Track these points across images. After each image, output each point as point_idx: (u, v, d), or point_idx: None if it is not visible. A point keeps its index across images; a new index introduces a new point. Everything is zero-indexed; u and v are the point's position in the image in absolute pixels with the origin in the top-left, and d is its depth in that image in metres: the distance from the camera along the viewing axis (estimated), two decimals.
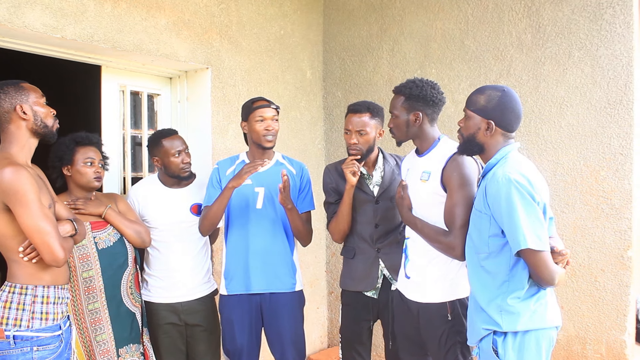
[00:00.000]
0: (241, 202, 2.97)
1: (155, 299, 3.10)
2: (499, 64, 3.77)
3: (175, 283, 3.09)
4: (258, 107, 2.98)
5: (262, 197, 2.98)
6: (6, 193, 2.09)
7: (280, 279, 3.01)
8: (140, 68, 3.70)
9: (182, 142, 3.15)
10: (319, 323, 4.75)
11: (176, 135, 3.17)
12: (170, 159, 3.09)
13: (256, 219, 2.98)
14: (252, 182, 2.97)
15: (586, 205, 3.46)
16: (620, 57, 3.32)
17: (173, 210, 3.11)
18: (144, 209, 3.13)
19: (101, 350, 2.77)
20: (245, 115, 3.02)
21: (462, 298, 2.50)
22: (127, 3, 3.34)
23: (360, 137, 2.85)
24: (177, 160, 3.09)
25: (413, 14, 4.18)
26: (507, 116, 2.23)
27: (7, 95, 2.21)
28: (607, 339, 3.40)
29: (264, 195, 2.98)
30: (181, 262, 3.10)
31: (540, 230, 2.07)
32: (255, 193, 2.97)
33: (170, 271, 3.09)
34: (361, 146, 2.86)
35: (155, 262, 3.12)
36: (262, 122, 2.97)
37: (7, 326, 2.13)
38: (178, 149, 3.10)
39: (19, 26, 2.89)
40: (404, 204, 2.63)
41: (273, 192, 2.97)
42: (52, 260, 2.14)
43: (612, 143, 3.36)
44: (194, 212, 3.14)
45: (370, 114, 2.87)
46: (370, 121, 2.86)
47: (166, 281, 3.10)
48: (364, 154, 2.88)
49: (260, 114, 2.96)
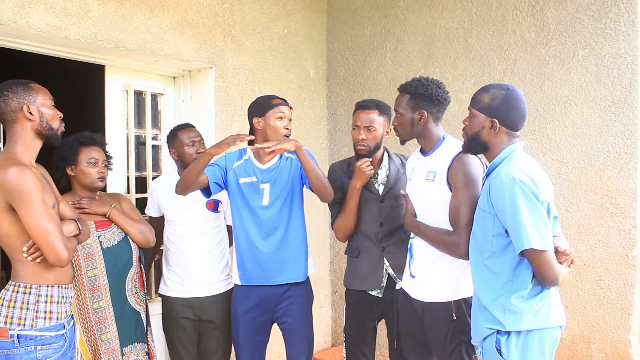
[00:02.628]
0: (247, 198, 2.95)
1: (171, 292, 3.16)
2: (503, 62, 3.76)
3: (190, 278, 3.14)
4: (278, 105, 2.91)
5: (268, 194, 2.95)
6: (10, 193, 2.09)
7: (292, 269, 2.97)
8: (143, 67, 3.71)
9: (197, 134, 3.23)
10: (323, 322, 4.75)
11: (192, 127, 3.27)
12: (184, 149, 3.16)
13: (263, 215, 2.95)
14: (257, 178, 2.95)
15: (591, 204, 3.45)
16: (624, 55, 3.31)
17: (189, 205, 3.14)
18: (163, 203, 3.20)
19: (106, 349, 2.78)
20: (262, 111, 2.92)
21: (467, 297, 2.49)
22: (130, 3, 3.34)
23: (369, 133, 2.86)
24: (191, 150, 3.15)
25: (417, 13, 4.18)
26: (511, 115, 2.23)
27: (16, 95, 2.21)
28: (612, 338, 3.39)
29: (269, 191, 2.95)
30: (196, 258, 3.14)
31: (544, 230, 2.06)
32: (261, 190, 2.95)
33: (186, 266, 3.14)
34: (369, 142, 2.86)
35: (172, 256, 3.18)
36: (282, 119, 2.91)
37: (12, 325, 2.13)
38: (193, 140, 3.17)
39: (23, 26, 2.90)
40: (407, 210, 2.64)
41: (278, 187, 2.95)
42: (55, 260, 2.15)
43: (616, 142, 3.34)
44: (210, 207, 3.18)
45: (379, 110, 2.88)
46: (378, 118, 2.87)
47: (182, 276, 3.15)
48: (372, 150, 2.88)
49: (281, 111, 2.90)
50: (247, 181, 2.95)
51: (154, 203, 3.27)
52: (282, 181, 2.94)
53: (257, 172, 2.95)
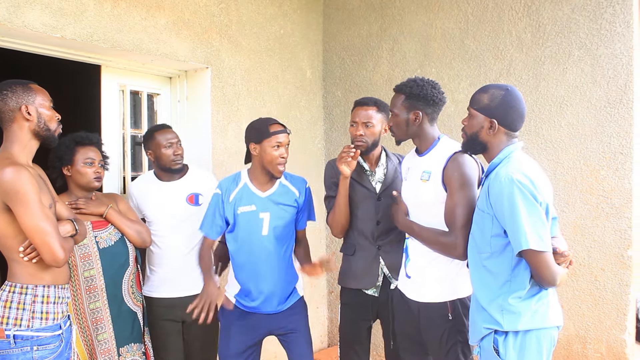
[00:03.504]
0: (246, 227, 2.86)
1: (154, 294, 3.14)
2: (498, 63, 3.77)
3: (173, 278, 3.12)
4: (276, 133, 2.79)
5: (268, 223, 2.87)
6: (7, 193, 2.09)
7: (286, 298, 2.92)
8: (140, 67, 3.70)
9: (174, 135, 3.21)
10: (319, 322, 4.75)
11: (168, 128, 3.25)
12: (161, 151, 3.15)
13: (262, 245, 2.86)
14: (257, 208, 2.86)
15: (586, 205, 3.46)
16: (620, 56, 3.32)
17: (168, 203, 3.15)
18: (141, 203, 3.19)
19: (102, 350, 2.77)
20: (259, 138, 2.80)
21: (463, 298, 2.50)
22: (126, 3, 3.33)
23: (367, 129, 2.87)
24: (168, 152, 3.14)
25: (413, 14, 4.18)
26: (510, 115, 2.23)
27: (15, 94, 2.21)
28: (608, 338, 3.40)
29: (269, 221, 2.87)
30: (178, 257, 3.12)
31: (542, 230, 2.07)
32: (260, 219, 2.86)
33: (168, 266, 3.12)
34: (367, 138, 2.87)
35: (154, 257, 3.16)
36: (279, 149, 2.79)
37: (8, 326, 2.13)
38: (170, 141, 3.16)
39: (19, 26, 2.89)
40: (400, 209, 2.64)
41: (278, 217, 2.88)
42: (52, 261, 2.14)
43: (612, 142, 3.35)
44: (190, 202, 3.16)
45: (377, 107, 2.90)
46: (376, 114, 2.88)
47: (164, 276, 3.13)
48: (369, 146, 2.89)
49: (277, 141, 2.78)
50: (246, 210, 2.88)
51: (134, 205, 3.20)
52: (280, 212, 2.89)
53: (256, 200, 2.87)
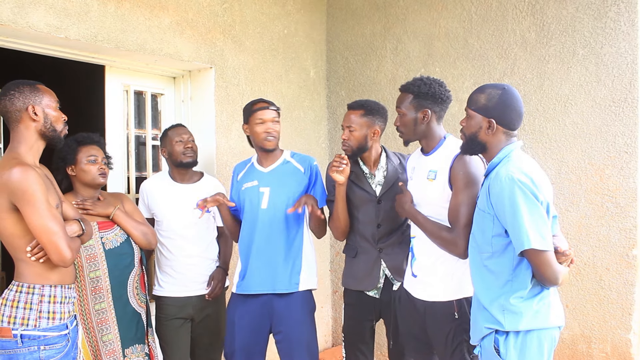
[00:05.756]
0: (248, 202, 2.97)
1: (164, 292, 3.17)
2: (503, 62, 3.76)
3: (183, 278, 3.15)
4: (258, 110, 2.96)
5: (267, 197, 2.95)
6: (14, 193, 2.09)
7: (280, 279, 2.93)
8: (143, 68, 3.71)
9: (187, 131, 3.29)
10: (323, 322, 4.75)
11: (182, 127, 3.33)
12: (173, 146, 3.21)
13: (261, 219, 2.95)
14: (258, 182, 2.95)
15: (591, 204, 3.45)
16: (624, 55, 3.32)
17: (179, 205, 3.16)
18: (152, 203, 3.21)
19: (107, 351, 2.77)
20: (246, 118, 3.01)
21: (469, 297, 2.48)
22: (130, 3, 3.34)
23: (350, 134, 2.85)
24: (179, 147, 3.20)
25: (417, 13, 4.18)
26: (508, 114, 2.23)
27: (22, 94, 2.22)
28: (613, 337, 3.39)
29: (269, 195, 2.95)
30: (188, 257, 3.15)
31: (544, 229, 2.07)
32: (260, 193, 2.95)
33: (178, 266, 3.15)
34: (350, 142, 2.86)
35: (164, 257, 3.19)
36: (262, 124, 2.94)
37: (15, 325, 2.13)
38: (182, 136, 3.23)
39: (23, 26, 2.89)
40: (405, 198, 2.63)
41: (278, 192, 2.95)
42: (59, 260, 2.15)
43: (617, 141, 3.35)
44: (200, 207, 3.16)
45: (364, 111, 2.86)
46: (359, 119, 2.84)
47: (174, 275, 3.16)
48: (355, 150, 2.87)
49: (260, 117, 2.94)
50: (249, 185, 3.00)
51: (144, 203, 3.26)
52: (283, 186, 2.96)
53: (258, 175, 2.98)
